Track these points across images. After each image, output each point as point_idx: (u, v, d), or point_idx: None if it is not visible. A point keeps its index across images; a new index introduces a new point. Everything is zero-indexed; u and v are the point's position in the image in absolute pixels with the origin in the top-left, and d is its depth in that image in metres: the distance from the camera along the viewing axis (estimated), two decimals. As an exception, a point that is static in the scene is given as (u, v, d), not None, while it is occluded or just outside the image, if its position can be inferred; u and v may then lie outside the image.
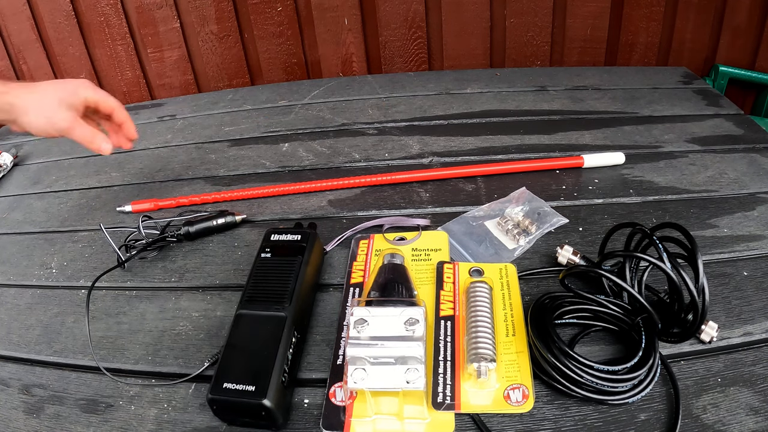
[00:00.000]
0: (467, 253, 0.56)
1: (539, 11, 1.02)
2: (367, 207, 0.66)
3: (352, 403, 0.42)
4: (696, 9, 0.99)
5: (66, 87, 0.61)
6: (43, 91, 0.59)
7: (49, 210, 0.73)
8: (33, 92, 0.59)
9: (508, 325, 0.47)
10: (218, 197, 0.68)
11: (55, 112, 0.59)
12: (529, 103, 0.86)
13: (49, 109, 0.59)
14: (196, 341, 0.50)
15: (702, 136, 0.75)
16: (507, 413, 0.42)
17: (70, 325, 0.54)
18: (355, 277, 0.54)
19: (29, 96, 0.59)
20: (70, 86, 0.61)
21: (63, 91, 0.60)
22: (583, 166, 0.68)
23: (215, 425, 0.43)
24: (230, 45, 1.07)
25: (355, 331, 0.41)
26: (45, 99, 0.59)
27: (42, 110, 0.59)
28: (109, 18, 1.03)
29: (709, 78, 1.04)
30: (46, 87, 0.60)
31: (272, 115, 0.89)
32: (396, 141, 0.78)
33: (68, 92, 0.60)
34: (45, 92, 0.59)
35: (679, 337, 0.45)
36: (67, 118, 0.59)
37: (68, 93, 0.60)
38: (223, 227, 0.62)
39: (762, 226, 0.58)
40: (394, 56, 1.09)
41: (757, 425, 0.40)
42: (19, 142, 0.92)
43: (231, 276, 0.57)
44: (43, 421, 0.45)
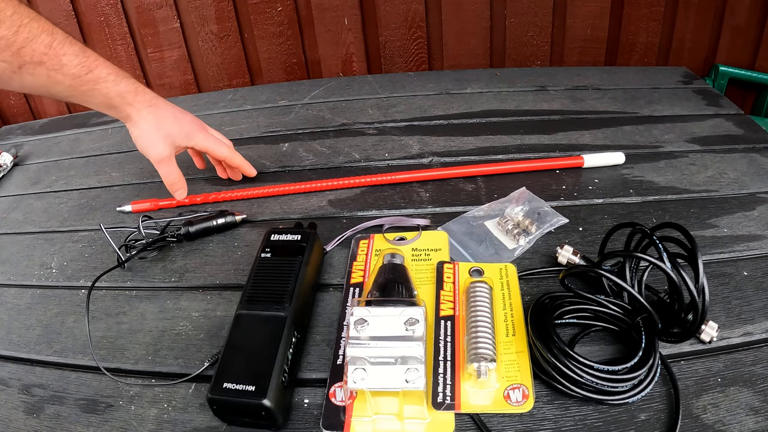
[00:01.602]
0: (467, 253, 0.56)
1: (539, 11, 1.02)
2: (367, 207, 0.66)
3: (352, 403, 0.42)
4: (696, 9, 0.99)
5: (181, 124, 0.63)
6: (161, 117, 0.61)
7: (49, 210, 0.73)
8: (151, 112, 0.61)
9: (508, 325, 0.47)
10: (218, 197, 0.68)
11: (156, 144, 0.62)
12: (529, 103, 0.86)
13: (153, 139, 0.62)
14: (196, 341, 0.50)
15: (702, 136, 0.75)
16: (507, 413, 0.42)
17: (70, 325, 0.54)
18: (355, 277, 0.54)
19: (148, 114, 0.60)
20: (185, 125, 0.64)
21: (176, 126, 0.63)
22: (583, 166, 0.68)
23: (215, 425, 0.43)
24: (230, 45, 1.07)
25: (355, 331, 0.41)
26: (157, 126, 0.61)
27: (147, 136, 0.61)
28: (109, 18, 1.03)
29: (709, 78, 1.04)
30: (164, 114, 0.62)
31: (272, 115, 0.89)
32: (396, 141, 0.78)
33: (182, 133, 0.63)
34: (160, 119, 0.61)
35: (679, 337, 0.45)
36: (162, 154, 0.62)
37: (179, 132, 0.63)
38: (223, 227, 0.62)
39: (762, 226, 0.58)
40: (394, 56, 1.09)
41: (757, 425, 0.40)
42: (19, 142, 0.92)
43: (231, 276, 0.57)
44: (43, 421, 0.45)
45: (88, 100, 0.57)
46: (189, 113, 0.65)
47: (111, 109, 0.59)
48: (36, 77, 0.52)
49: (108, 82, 0.57)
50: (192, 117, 0.65)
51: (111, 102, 0.58)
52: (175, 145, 0.63)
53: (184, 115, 0.64)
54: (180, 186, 0.66)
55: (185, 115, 0.64)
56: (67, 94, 0.56)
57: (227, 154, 0.68)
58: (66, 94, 0.55)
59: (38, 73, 0.52)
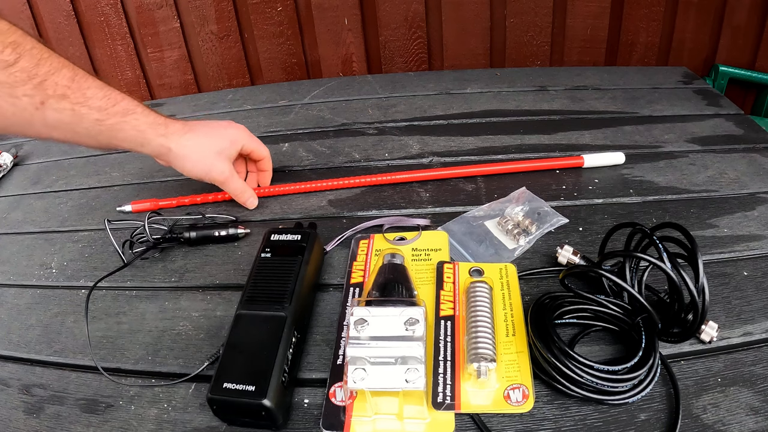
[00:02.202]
0: (467, 253, 0.56)
1: (539, 11, 1.02)
2: (367, 207, 0.66)
3: (352, 403, 0.42)
4: (696, 9, 0.99)
5: (225, 135, 0.61)
6: (202, 139, 0.59)
7: (49, 210, 0.73)
8: (191, 138, 0.58)
9: (508, 325, 0.47)
10: (218, 197, 0.68)
11: (214, 165, 0.60)
12: (529, 103, 0.86)
13: (208, 161, 0.60)
14: (196, 341, 0.50)
15: (702, 136, 0.75)
16: (507, 413, 0.42)
17: (70, 325, 0.54)
18: (355, 277, 0.54)
19: (188, 142, 0.58)
20: (229, 134, 0.61)
21: (221, 139, 0.61)
22: (584, 166, 0.68)
23: (215, 425, 0.43)
24: (230, 45, 1.07)
25: (355, 331, 0.41)
26: (205, 148, 0.59)
27: (201, 161, 0.59)
28: (109, 18, 1.03)
29: (709, 78, 1.04)
30: (205, 133, 0.59)
31: (272, 115, 0.89)
32: (396, 141, 0.78)
33: (227, 142, 0.61)
34: (204, 140, 0.59)
35: (679, 337, 0.45)
36: (224, 171, 0.61)
37: (227, 143, 0.61)
38: (226, 239, 0.61)
39: (762, 226, 0.58)
40: (394, 56, 1.09)
41: (757, 425, 0.40)
42: (19, 142, 0.92)
43: (231, 276, 0.57)
44: (43, 421, 0.45)
45: (117, 135, 0.54)
46: (220, 121, 0.63)
47: (144, 145, 0.56)
48: (60, 113, 0.49)
49: (137, 114, 0.54)
50: (226, 123, 0.63)
51: (144, 136, 0.55)
52: (229, 158, 0.62)
53: (219, 125, 0.62)
54: (250, 194, 0.65)
55: (220, 125, 0.62)
56: (95, 131, 0.52)
57: (267, 154, 0.66)
58: (93, 130, 0.52)
59: (62, 108, 0.49)
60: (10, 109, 0.47)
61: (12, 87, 0.46)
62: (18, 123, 0.49)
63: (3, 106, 0.47)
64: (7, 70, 0.46)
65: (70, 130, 0.52)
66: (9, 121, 0.48)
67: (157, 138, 0.56)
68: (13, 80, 0.46)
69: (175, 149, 0.58)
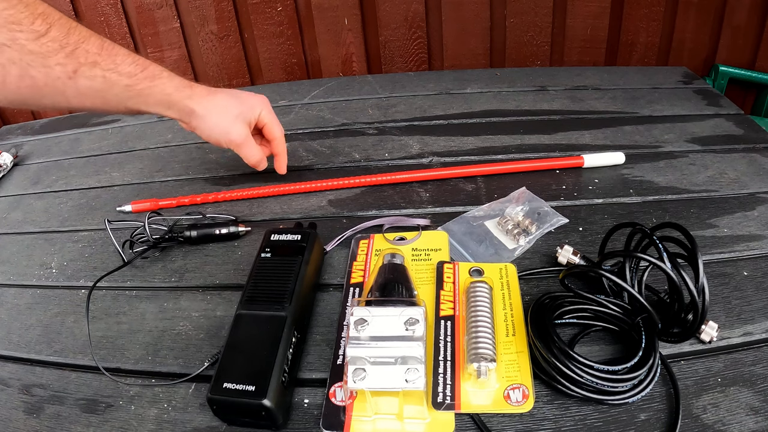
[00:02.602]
0: (467, 253, 0.56)
1: (539, 11, 1.02)
2: (367, 207, 0.66)
3: (352, 403, 0.42)
4: (696, 9, 0.99)
5: (246, 101, 0.62)
6: (224, 101, 0.60)
7: (49, 210, 0.73)
8: (213, 100, 0.59)
9: (508, 325, 0.47)
10: (218, 197, 0.68)
11: (233, 126, 0.60)
12: (529, 103, 0.86)
13: (227, 122, 0.60)
14: (196, 341, 0.50)
15: (702, 136, 0.75)
16: (507, 413, 0.42)
17: (70, 325, 0.54)
18: (355, 277, 0.54)
19: (209, 104, 0.59)
20: (250, 101, 0.62)
21: (242, 105, 0.61)
22: (584, 166, 0.68)
23: (215, 425, 0.43)
24: (230, 45, 1.07)
25: (355, 331, 0.41)
26: (225, 110, 0.60)
27: (220, 121, 0.60)
28: (109, 18, 1.03)
29: (709, 78, 1.04)
30: (227, 97, 0.61)
31: (272, 115, 0.89)
32: (396, 141, 0.78)
33: (247, 107, 0.62)
34: (225, 103, 0.60)
35: (679, 337, 0.45)
36: (242, 134, 0.61)
37: (247, 108, 0.62)
38: (226, 237, 0.61)
39: (762, 226, 0.58)
40: (394, 56, 1.09)
41: (757, 425, 0.40)
42: (19, 142, 0.92)
43: (231, 276, 0.57)
44: (43, 421, 0.45)
45: (146, 100, 0.55)
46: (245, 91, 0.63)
47: (170, 108, 0.57)
48: (92, 80, 0.50)
49: (163, 78, 0.55)
50: (249, 93, 0.63)
51: (170, 98, 0.56)
52: (248, 122, 0.62)
53: (242, 93, 0.63)
54: (263, 158, 0.65)
55: (243, 93, 0.63)
56: (124, 96, 0.53)
57: (280, 134, 0.66)
58: (123, 96, 0.53)
59: (94, 75, 0.50)
60: (43, 79, 0.48)
61: (45, 57, 0.47)
62: (51, 93, 0.49)
63: (36, 77, 0.47)
64: (39, 41, 0.46)
65: (100, 97, 0.52)
66: (42, 91, 0.49)
67: (182, 100, 0.57)
68: (46, 50, 0.46)
69: (198, 110, 0.58)
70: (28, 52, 0.46)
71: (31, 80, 0.47)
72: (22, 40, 0.45)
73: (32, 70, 0.47)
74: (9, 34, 0.44)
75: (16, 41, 0.45)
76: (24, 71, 0.46)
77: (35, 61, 0.46)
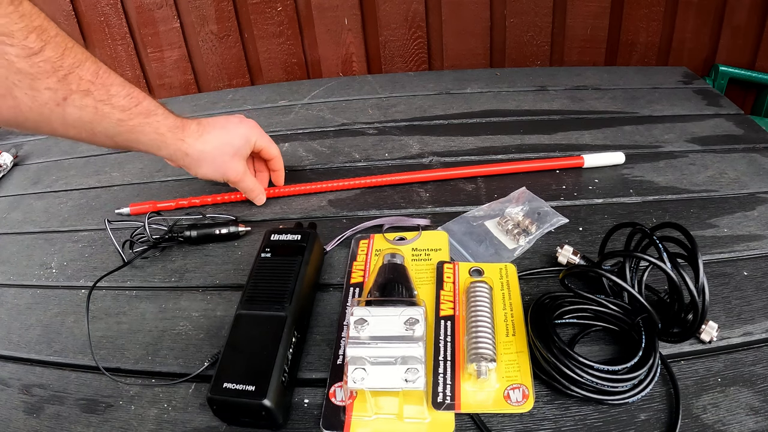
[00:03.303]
0: (467, 253, 0.56)
1: (539, 11, 1.02)
2: (367, 207, 0.66)
3: (352, 403, 0.42)
4: (696, 9, 0.99)
5: (238, 133, 0.60)
6: (217, 142, 0.58)
7: (49, 210, 0.73)
8: (207, 141, 0.57)
9: (508, 325, 0.47)
10: (218, 199, 0.68)
11: (229, 166, 0.59)
12: (529, 103, 0.86)
13: (223, 163, 0.59)
14: (196, 341, 0.50)
15: (702, 136, 0.75)
16: (507, 413, 0.42)
17: (70, 325, 0.54)
18: (355, 277, 0.54)
19: (203, 147, 0.56)
20: (242, 132, 0.60)
21: (237, 138, 0.59)
22: (584, 166, 0.68)
23: (215, 425, 0.43)
24: (230, 45, 1.07)
25: (355, 331, 0.41)
26: (220, 152, 0.58)
27: (216, 163, 0.58)
28: (109, 18, 1.03)
29: (709, 78, 1.04)
30: (220, 135, 0.58)
31: (272, 115, 0.89)
32: (396, 141, 0.78)
33: (242, 140, 0.60)
34: (219, 143, 0.58)
35: (679, 337, 0.45)
36: (239, 171, 0.60)
37: (242, 141, 0.60)
38: (226, 237, 0.61)
39: (762, 226, 0.58)
40: (394, 56, 1.09)
41: (757, 425, 0.40)
42: (19, 142, 0.92)
43: (231, 276, 0.57)
44: (43, 421, 0.45)
45: (137, 138, 0.51)
46: (231, 116, 0.61)
47: (161, 149, 0.54)
48: (82, 110, 0.46)
49: (158, 116, 0.52)
50: (238, 118, 0.61)
51: (162, 139, 0.53)
52: (243, 157, 0.61)
53: (231, 122, 0.60)
54: (261, 191, 0.65)
55: (232, 122, 0.60)
56: (114, 132, 0.49)
57: (278, 153, 0.65)
58: (113, 131, 0.49)
59: (85, 105, 0.46)
60: (29, 102, 0.43)
61: (34, 79, 0.42)
62: (34, 119, 0.45)
63: (21, 99, 0.42)
64: (31, 59, 0.41)
65: (88, 130, 0.48)
66: (25, 115, 0.44)
67: (175, 143, 0.54)
68: (36, 71, 0.42)
69: (191, 154, 0.56)
70: (15, 71, 0.41)
71: (14, 102, 0.42)
72: (11, 56, 0.40)
73: (17, 90, 0.42)
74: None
75: (3, 56, 0.40)
76: (7, 91, 0.41)
77: (22, 82, 0.41)
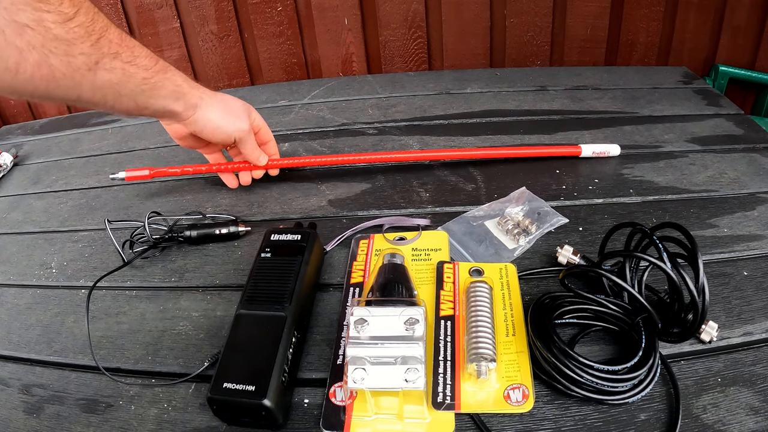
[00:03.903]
0: (467, 252, 0.56)
1: (539, 11, 1.02)
2: (367, 207, 0.66)
3: (352, 403, 0.42)
4: (696, 9, 0.99)
5: (241, 103, 0.63)
6: (226, 97, 0.61)
7: (49, 210, 0.73)
8: (216, 94, 0.60)
9: (508, 325, 0.47)
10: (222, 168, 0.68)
11: (241, 117, 0.62)
12: (529, 103, 0.86)
13: (236, 113, 0.61)
14: (196, 341, 0.50)
15: (702, 136, 0.75)
16: (507, 413, 0.42)
17: (70, 325, 0.54)
18: (355, 277, 0.54)
19: (215, 97, 0.59)
20: (243, 104, 0.63)
21: (240, 105, 0.63)
22: (581, 155, 0.69)
23: (215, 425, 0.43)
24: (230, 45, 1.07)
25: (355, 331, 0.41)
26: (230, 103, 0.61)
27: (229, 112, 0.60)
28: (109, 18, 1.02)
29: (709, 78, 1.04)
30: (226, 97, 0.61)
31: (272, 115, 0.89)
32: (396, 141, 0.78)
33: (244, 108, 0.63)
34: (228, 98, 0.61)
35: (679, 337, 0.45)
36: (243, 127, 0.62)
37: (244, 109, 0.63)
38: (226, 237, 0.61)
39: (762, 226, 0.58)
40: (394, 56, 1.09)
41: (757, 425, 0.40)
42: (19, 142, 0.92)
43: (231, 276, 0.57)
44: (43, 421, 0.45)
45: (159, 92, 0.52)
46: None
47: (180, 98, 0.55)
48: (111, 73, 0.46)
49: (173, 71, 0.54)
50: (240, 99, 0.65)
51: (180, 89, 0.55)
52: (249, 117, 0.63)
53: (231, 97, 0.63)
54: (261, 152, 0.66)
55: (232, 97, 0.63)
56: (138, 91, 0.50)
57: (272, 137, 0.68)
58: (137, 90, 0.50)
59: (114, 67, 0.46)
60: (63, 69, 0.42)
61: (70, 44, 0.42)
62: (66, 85, 0.44)
63: (56, 66, 0.42)
64: (66, 25, 0.41)
65: (115, 92, 0.49)
66: (57, 83, 0.43)
67: (191, 90, 0.56)
68: (72, 36, 0.41)
69: (205, 98, 0.58)
70: (52, 38, 0.40)
71: (49, 70, 0.42)
72: (48, 22, 0.39)
73: (53, 58, 0.41)
74: (35, 13, 0.38)
75: (41, 23, 0.39)
76: (44, 59, 0.41)
77: (58, 48, 0.41)
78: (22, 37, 0.39)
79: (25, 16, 0.38)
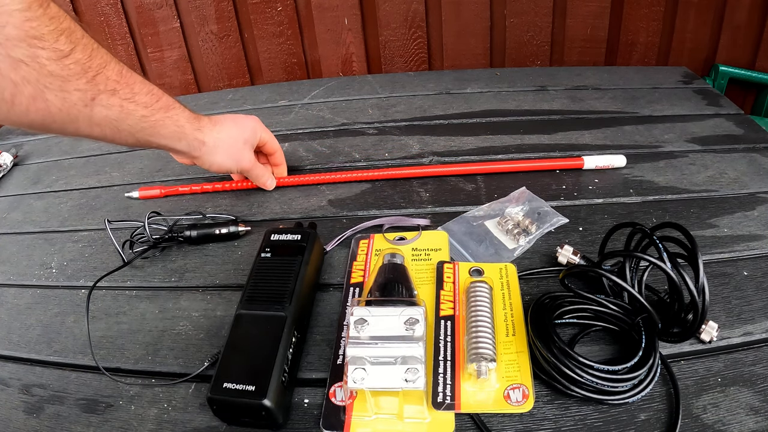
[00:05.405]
0: (467, 252, 0.56)
1: (539, 11, 1.02)
2: (367, 207, 0.66)
3: (352, 403, 0.42)
4: (696, 9, 0.99)
5: (246, 125, 0.63)
6: (230, 131, 0.61)
7: (49, 210, 0.73)
8: (220, 131, 0.59)
9: (508, 325, 0.47)
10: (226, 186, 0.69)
11: (242, 154, 0.62)
12: (529, 103, 0.86)
13: (238, 151, 0.61)
14: (196, 341, 0.50)
15: (702, 136, 0.75)
16: (507, 413, 0.42)
17: (70, 325, 0.54)
18: (355, 277, 0.54)
19: (218, 135, 0.59)
20: (249, 124, 0.63)
21: (245, 130, 0.62)
22: (583, 167, 0.68)
23: (215, 425, 0.43)
24: (230, 45, 1.07)
25: (355, 331, 0.41)
26: (233, 140, 0.61)
27: (231, 151, 0.61)
28: (109, 18, 1.03)
29: (709, 78, 1.04)
30: (231, 126, 0.61)
31: (272, 115, 0.89)
32: (396, 141, 0.78)
33: (250, 132, 0.63)
34: (231, 133, 0.61)
35: (679, 337, 0.45)
36: (251, 159, 0.63)
37: (250, 133, 0.63)
38: (226, 237, 0.62)
39: (762, 226, 0.58)
40: (394, 56, 1.09)
41: (757, 425, 0.40)
42: (18, 142, 0.92)
43: (231, 276, 0.57)
44: (43, 421, 0.45)
45: (159, 132, 0.53)
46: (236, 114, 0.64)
47: (181, 140, 0.56)
48: (109, 109, 0.47)
49: (176, 109, 0.54)
50: (243, 114, 0.64)
51: (182, 130, 0.55)
52: (253, 147, 0.64)
53: (239, 117, 0.63)
54: (269, 177, 0.68)
55: (239, 117, 0.63)
56: (137, 128, 0.51)
57: (279, 147, 0.68)
58: (136, 127, 0.51)
59: (112, 104, 0.47)
60: (59, 104, 0.43)
61: (65, 81, 0.43)
62: (62, 120, 0.45)
63: (51, 101, 0.43)
64: (62, 62, 0.42)
65: (113, 128, 0.49)
66: (53, 117, 0.44)
67: (192, 132, 0.56)
68: (67, 73, 0.42)
69: (209, 142, 0.58)
70: (47, 74, 0.41)
71: (45, 104, 0.43)
72: (43, 59, 0.40)
73: (48, 93, 0.42)
74: (29, 50, 0.39)
75: (36, 59, 0.40)
76: (39, 93, 0.42)
77: (53, 84, 0.42)
78: (17, 72, 0.40)
79: (20, 52, 0.39)
